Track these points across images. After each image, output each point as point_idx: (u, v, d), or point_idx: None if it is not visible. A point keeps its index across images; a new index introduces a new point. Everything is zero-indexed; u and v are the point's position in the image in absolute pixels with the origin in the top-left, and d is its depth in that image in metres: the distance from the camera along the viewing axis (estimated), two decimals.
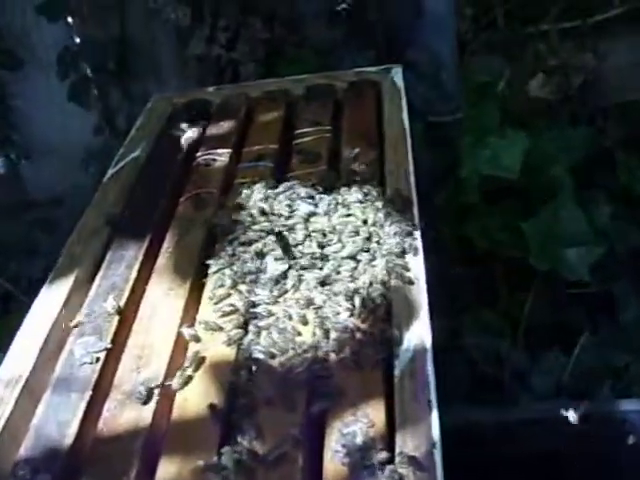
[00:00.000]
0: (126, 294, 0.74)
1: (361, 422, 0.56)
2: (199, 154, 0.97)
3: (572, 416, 1.13)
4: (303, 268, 0.70)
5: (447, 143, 1.21)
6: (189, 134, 0.98)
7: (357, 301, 0.65)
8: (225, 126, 1.02)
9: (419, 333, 0.61)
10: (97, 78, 1.32)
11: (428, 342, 0.60)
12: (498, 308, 1.26)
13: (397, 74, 1.05)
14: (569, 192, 1.31)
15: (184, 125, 0.99)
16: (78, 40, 1.30)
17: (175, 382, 0.61)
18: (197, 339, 0.65)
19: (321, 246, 0.72)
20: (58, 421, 0.63)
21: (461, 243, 1.23)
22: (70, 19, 1.27)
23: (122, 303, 0.72)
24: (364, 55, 1.21)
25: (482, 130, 1.28)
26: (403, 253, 0.70)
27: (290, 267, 0.71)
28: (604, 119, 1.29)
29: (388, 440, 0.54)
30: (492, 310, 1.26)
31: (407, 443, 0.52)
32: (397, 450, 0.52)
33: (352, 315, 0.64)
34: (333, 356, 0.61)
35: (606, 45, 1.26)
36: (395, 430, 0.54)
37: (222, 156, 0.96)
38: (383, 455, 0.52)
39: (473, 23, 1.24)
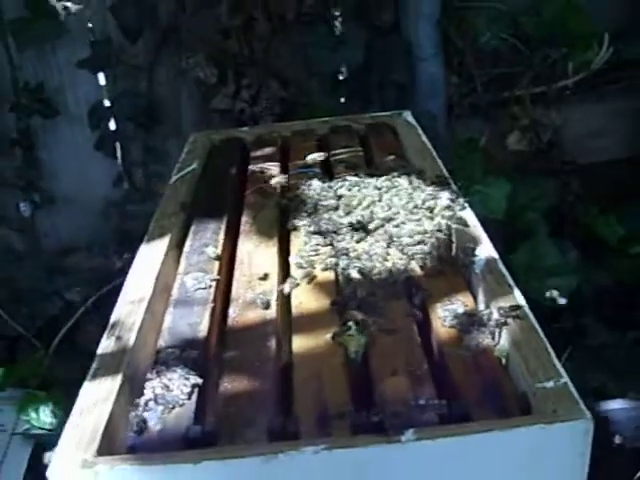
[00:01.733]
0: (220, 248, 0.85)
1: (457, 303, 0.68)
2: (250, 167, 1.10)
3: None
4: (374, 224, 0.84)
5: None
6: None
7: (429, 234, 0.79)
8: (266, 150, 1.16)
9: (486, 249, 0.75)
10: (122, 131, 1.47)
11: (495, 253, 0.74)
12: None
13: (408, 116, 1.22)
14: (545, 233, 1.50)
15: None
16: (108, 97, 1.45)
17: (286, 286, 0.72)
18: (300, 265, 0.77)
19: (387, 208, 0.86)
20: (188, 323, 0.71)
21: None
22: (103, 76, 1.43)
23: (221, 251, 0.84)
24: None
25: (469, 179, 1.47)
26: (458, 209, 0.84)
27: (363, 224, 0.84)
28: (567, 175, 1.50)
29: (483, 311, 0.66)
30: None
31: (501, 306, 0.65)
32: (494, 312, 0.65)
33: (427, 244, 0.77)
34: (419, 270, 0.74)
35: (566, 112, 1.49)
36: (488, 305, 0.67)
37: (272, 168, 1.10)
38: (484, 313, 0.65)
39: (457, 89, 1.45)
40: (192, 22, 1.35)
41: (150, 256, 0.82)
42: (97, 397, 0.59)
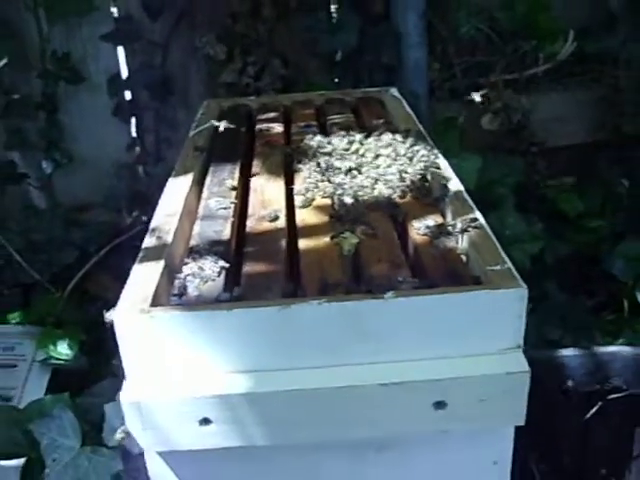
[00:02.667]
0: (236, 182, 1.02)
1: (429, 219, 0.85)
2: (257, 127, 1.28)
3: None
4: (365, 166, 1.01)
5: None
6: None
7: (409, 174, 0.96)
8: (271, 115, 1.32)
9: (455, 184, 0.92)
10: (137, 100, 1.64)
11: (462, 187, 0.92)
12: None
13: (395, 91, 1.36)
14: (511, 205, 1.68)
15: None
16: (126, 68, 1.62)
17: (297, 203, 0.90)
18: (302, 193, 0.94)
19: (375, 156, 1.03)
20: (214, 230, 0.87)
21: None
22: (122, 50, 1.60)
23: (237, 183, 1.01)
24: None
25: (446, 153, 1.64)
26: (433, 157, 1.01)
27: (355, 166, 1.01)
28: (534, 155, 1.68)
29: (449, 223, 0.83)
30: None
31: (464, 219, 0.82)
32: (458, 224, 0.82)
33: (407, 180, 0.95)
34: (400, 198, 0.91)
35: (534, 98, 1.68)
36: (453, 220, 0.84)
37: (276, 127, 1.27)
38: (450, 224, 0.82)
39: (439, 74, 1.64)
40: (205, 5, 1.54)
41: (177, 186, 0.98)
42: (144, 275, 0.76)
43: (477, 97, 1.45)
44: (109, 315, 0.71)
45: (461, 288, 0.68)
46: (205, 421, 0.68)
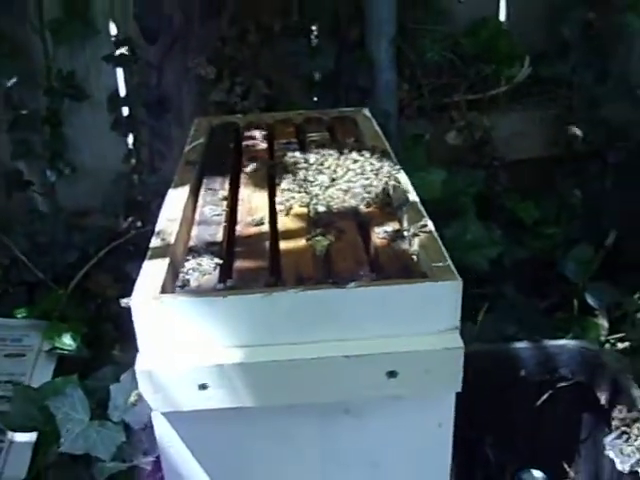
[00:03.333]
0: (226, 192, 1.19)
1: (388, 226, 1.02)
2: (244, 143, 1.45)
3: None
4: (337, 180, 1.19)
5: None
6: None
7: (374, 187, 1.14)
8: (256, 132, 1.49)
9: (412, 197, 1.09)
10: (134, 116, 1.81)
11: (418, 199, 1.09)
12: None
13: (367, 111, 1.52)
14: (473, 213, 1.87)
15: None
16: (124, 86, 1.79)
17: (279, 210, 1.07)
18: (283, 202, 1.11)
19: (345, 171, 1.21)
20: (209, 234, 1.03)
21: None
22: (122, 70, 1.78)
23: (227, 194, 1.19)
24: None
25: (414, 167, 1.83)
26: (395, 173, 1.18)
27: (329, 180, 1.19)
28: (495, 168, 1.87)
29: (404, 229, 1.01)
30: None
31: (415, 225, 1.00)
32: (411, 229, 1.00)
33: (372, 193, 1.12)
34: (365, 207, 1.09)
35: (495, 117, 1.87)
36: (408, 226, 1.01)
37: (261, 144, 1.44)
38: (404, 229, 1.00)
39: (408, 95, 1.82)
40: (197, 30, 1.71)
41: (176, 195, 1.15)
42: (153, 270, 0.93)
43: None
44: (126, 301, 0.88)
45: (410, 280, 0.86)
46: (203, 386, 0.85)
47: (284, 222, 1.05)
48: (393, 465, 0.96)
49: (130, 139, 1.82)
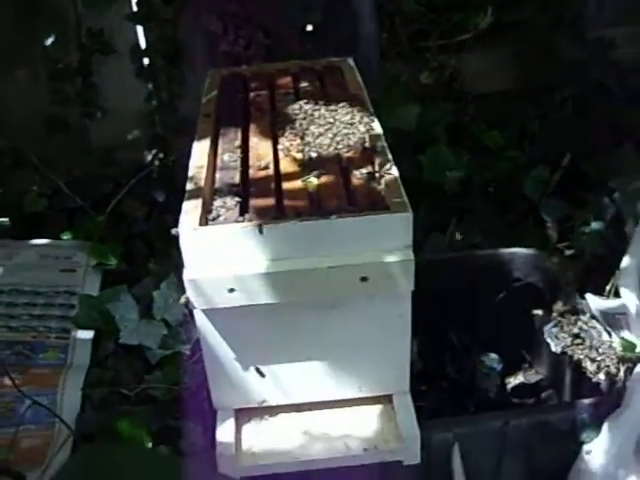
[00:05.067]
0: (239, 141, 1.54)
1: (364, 169, 1.38)
2: (250, 94, 1.78)
3: None
4: (325, 127, 1.52)
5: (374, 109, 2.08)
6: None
7: (355, 135, 1.48)
8: (260, 81, 1.68)
9: (382, 143, 1.39)
10: (153, 65, 2.14)
11: (386, 144, 1.43)
12: None
13: (351, 61, 1.72)
14: (444, 142, 2.21)
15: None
16: (144, 40, 2.12)
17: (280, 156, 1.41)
18: (283, 150, 1.46)
19: (333, 122, 1.54)
20: (229, 177, 1.38)
21: None
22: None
23: (240, 143, 1.53)
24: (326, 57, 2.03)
25: (393, 102, 2.17)
26: (370, 122, 1.46)
27: (319, 129, 1.53)
28: (464, 101, 2.20)
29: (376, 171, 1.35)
30: None
31: (383, 169, 1.35)
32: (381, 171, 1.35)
33: (352, 140, 1.47)
34: (346, 153, 1.42)
35: (465, 57, 2.19)
36: (380, 168, 1.36)
37: (264, 95, 1.76)
38: (376, 171, 1.35)
39: (387, 42, 2.14)
40: None
41: (201, 145, 1.48)
42: (192, 206, 1.29)
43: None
44: (175, 231, 1.22)
45: (375, 212, 1.19)
46: (231, 290, 1.17)
47: (285, 166, 1.35)
48: (367, 346, 1.29)
49: (150, 85, 2.16)
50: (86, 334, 1.68)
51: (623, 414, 1.41)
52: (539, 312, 1.89)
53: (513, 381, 1.96)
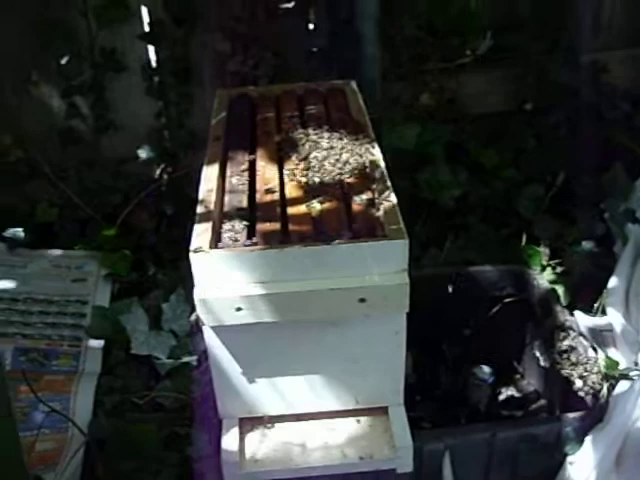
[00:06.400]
0: (247, 164, 1.63)
1: (364, 195, 1.47)
2: (258, 117, 1.87)
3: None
4: (328, 152, 1.61)
5: (374, 128, 2.17)
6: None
7: (355, 160, 1.57)
8: (267, 103, 1.78)
9: (382, 168, 1.50)
10: (164, 83, 2.24)
11: (386, 171, 1.53)
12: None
13: (354, 84, 1.80)
14: (443, 160, 2.30)
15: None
16: (155, 57, 2.22)
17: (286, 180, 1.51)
18: (289, 175, 1.55)
19: (340, 148, 1.63)
20: (237, 200, 1.46)
21: None
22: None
23: (247, 166, 1.62)
24: (330, 78, 2.12)
25: (393, 122, 2.26)
26: (370, 148, 1.55)
27: (323, 155, 1.62)
28: (463, 121, 2.30)
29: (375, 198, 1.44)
30: None
31: (382, 196, 1.45)
32: (379, 198, 1.44)
33: (353, 165, 1.56)
34: (349, 179, 1.50)
35: (464, 79, 2.29)
36: (379, 195, 1.45)
37: (270, 118, 1.85)
38: (376, 198, 1.44)
39: (389, 64, 2.24)
40: (215, 11, 2.11)
41: (210, 169, 1.55)
42: (202, 229, 1.38)
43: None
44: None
45: (374, 239, 1.27)
46: (238, 309, 1.26)
47: (290, 190, 1.43)
48: (366, 360, 1.38)
49: (160, 102, 2.25)
50: (97, 342, 1.77)
51: (605, 428, 1.50)
52: (530, 327, 1.97)
53: (505, 392, 2.03)
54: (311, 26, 2.07)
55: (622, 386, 1.53)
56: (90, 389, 1.66)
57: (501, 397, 2.03)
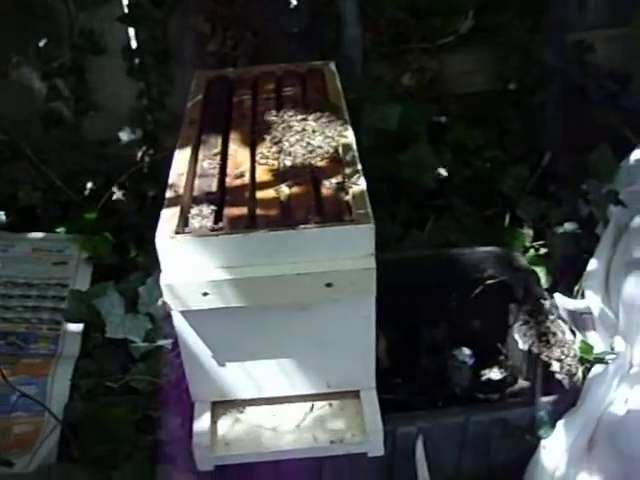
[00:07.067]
0: (219, 148, 1.63)
1: (334, 178, 1.47)
2: (234, 99, 1.86)
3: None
4: (301, 136, 1.61)
5: (355, 108, 2.16)
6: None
7: (327, 142, 1.56)
8: (245, 85, 1.76)
9: (353, 152, 1.51)
10: (144, 63, 2.24)
11: (357, 154, 1.52)
12: (384, 207, 2.22)
13: (333, 65, 1.79)
14: (425, 140, 2.29)
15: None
16: (135, 39, 2.21)
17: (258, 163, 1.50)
18: (261, 157, 1.55)
19: (311, 131, 1.62)
20: (207, 184, 1.47)
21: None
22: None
23: (220, 150, 1.62)
24: (310, 59, 2.10)
25: (375, 102, 2.25)
26: (343, 131, 1.55)
27: (295, 139, 1.61)
28: (445, 101, 2.29)
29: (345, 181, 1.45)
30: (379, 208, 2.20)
31: (351, 180, 1.45)
32: (348, 181, 1.44)
33: (324, 148, 1.56)
34: (320, 162, 1.50)
35: (446, 59, 2.28)
36: (348, 178, 1.46)
37: (247, 100, 1.84)
38: (345, 182, 1.44)
39: (371, 44, 2.22)
40: None
41: (182, 152, 1.55)
42: (170, 214, 1.38)
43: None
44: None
45: (341, 223, 1.26)
46: (205, 294, 1.27)
47: (260, 174, 1.44)
48: (336, 344, 1.39)
49: (141, 83, 2.25)
50: (76, 326, 1.78)
51: (577, 413, 1.51)
52: (513, 309, 1.97)
53: (488, 374, 2.04)
54: (292, 6, 2.04)
55: (596, 370, 1.53)
56: (67, 372, 1.68)
57: (485, 378, 2.03)
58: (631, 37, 2.17)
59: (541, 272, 1.96)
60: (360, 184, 1.37)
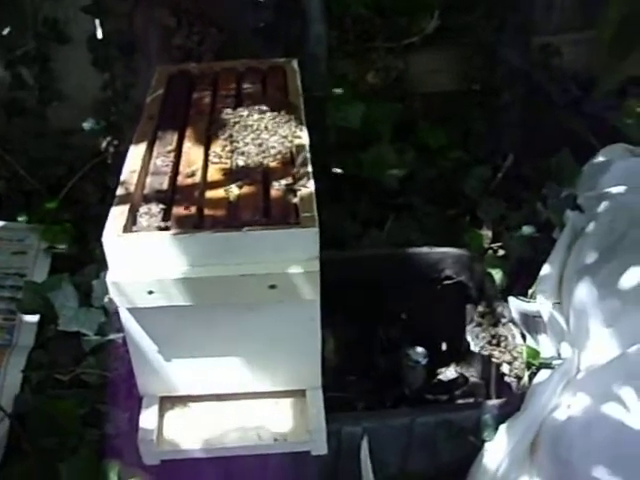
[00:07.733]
0: (174, 145, 1.65)
1: (284, 180, 1.49)
2: (194, 95, 1.88)
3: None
4: (257, 135, 1.63)
5: (319, 107, 2.19)
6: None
7: (281, 143, 1.59)
8: (206, 81, 1.77)
9: (305, 154, 1.54)
10: (109, 55, 2.25)
11: (309, 156, 1.55)
12: (344, 205, 2.25)
13: (295, 63, 1.79)
14: (388, 140, 2.32)
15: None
16: (101, 29, 2.22)
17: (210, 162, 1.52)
18: (214, 156, 1.57)
19: (262, 129, 1.65)
20: (158, 182, 1.50)
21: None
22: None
23: (174, 147, 1.64)
24: (275, 55, 2.13)
25: (339, 101, 2.27)
26: (298, 132, 1.58)
27: (251, 138, 1.64)
28: (410, 101, 2.31)
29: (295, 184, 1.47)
30: (339, 206, 2.23)
31: (301, 182, 1.47)
32: (298, 184, 1.47)
33: (277, 149, 1.58)
34: (272, 163, 1.54)
35: (412, 59, 2.30)
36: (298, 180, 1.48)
37: (206, 97, 1.87)
38: (295, 184, 1.46)
39: (336, 41, 2.24)
40: None
41: (137, 149, 1.58)
42: (119, 212, 1.41)
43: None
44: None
45: (285, 226, 1.29)
46: (150, 292, 1.29)
47: (212, 173, 1.46)
48: (282, 344, 1.42)
49: (106, 74, 2.26)
50: (32, 316, 1.79)
51: (520, 417, 1.54)
52: (469, 311, 2.01)
53: (444, 373, 2.07)
54: (257, 1, 2.06)
55: (542, 375, 1.57)
56: (21, 363, 1.69)
57: (441, 377, 2.06)
58: (596, 40, 2.19)
59: (497, 274, 1.99)
60: (309, 186, 1.40)
